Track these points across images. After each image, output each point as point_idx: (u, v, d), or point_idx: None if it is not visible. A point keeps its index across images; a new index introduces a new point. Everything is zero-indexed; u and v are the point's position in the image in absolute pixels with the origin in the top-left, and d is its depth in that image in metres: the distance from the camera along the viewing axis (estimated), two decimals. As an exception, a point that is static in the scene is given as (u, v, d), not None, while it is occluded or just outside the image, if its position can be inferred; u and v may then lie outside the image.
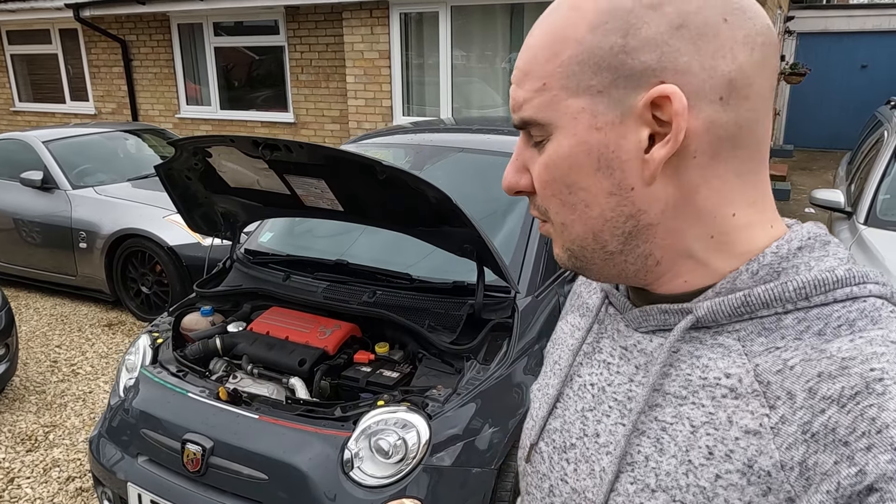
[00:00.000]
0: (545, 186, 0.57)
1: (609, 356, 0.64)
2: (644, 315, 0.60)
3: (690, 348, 0.56)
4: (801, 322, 0.51)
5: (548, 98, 0.54)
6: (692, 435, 0.53)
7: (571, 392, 0.67)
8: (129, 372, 2.51)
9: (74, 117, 9.77)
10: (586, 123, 0.53)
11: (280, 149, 2.18)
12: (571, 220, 0.57)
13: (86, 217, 5.02)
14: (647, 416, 0.57)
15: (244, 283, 2.82)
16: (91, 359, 4.34)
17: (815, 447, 0.46)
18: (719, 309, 0.54)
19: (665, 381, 0.56)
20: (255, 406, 2.16)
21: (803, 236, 0.55)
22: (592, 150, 0.53)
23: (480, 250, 2.27)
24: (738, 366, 0.52)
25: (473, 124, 3.75)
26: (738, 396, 0.51)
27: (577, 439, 0.64)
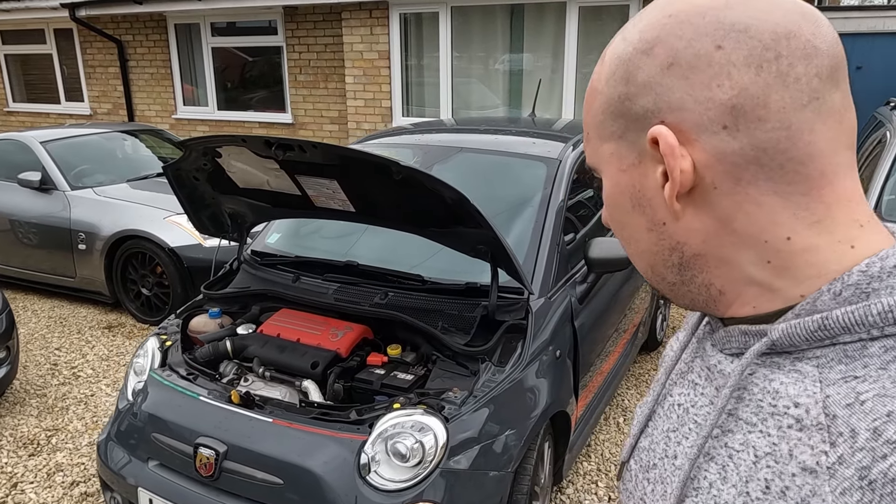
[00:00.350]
0: (609, 222, 0.62)
1: (697, 376, 0.63)
2: (727, 335, 0.58)
3: (767, 372, 0.53)
4: (889, 351, 0.47)
5: (591, 146, 0.60)
6: (754, 465, 0.51)
7: (662, 411, 0.67)
8: (137, 375, 2.48)
9: (69, 118, 9.70)
10: (615, 166, 0.57)
11: (293, 149, 2.15)
12: (632, 253, 0.61)
13: (85, 218, 4.97)
14: (718, 440, 0.55)
15: (252, 284, 2.79)
16: (92, 361, 4.29)
17: (870, 496, 0.43)
18: (795, 332, 0.50)
19: (739, 406, 0.54)
20: (268, 409, 2.14)
21: None
22: (624, 190, 0.57)
23: (495, 251, 2.26)
24: (809, 395, 0.49)
25: (478, 125, 3.73)
26: (802, 428, 0.48)
27: (658, 459, 0.64)
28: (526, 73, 6.76)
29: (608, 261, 2.61)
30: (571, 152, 3.10)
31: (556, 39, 6.45)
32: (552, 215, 2.74)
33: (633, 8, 5.91)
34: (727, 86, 0.49)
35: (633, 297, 3.46)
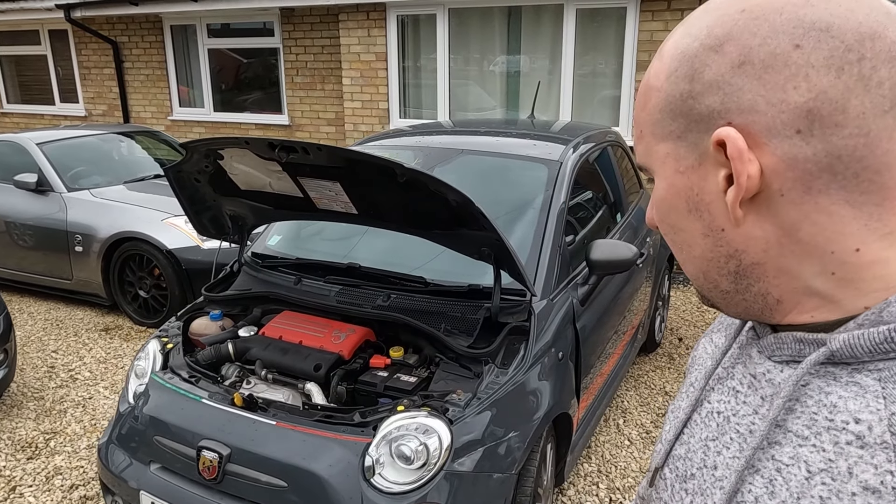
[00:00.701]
0: (658, 225, 0.60)
1: (739, 383, 0.60)
2: (778, 342, 0.55)
3: (822, 384, 0.51)
4: None
5: (644, 145, 0.57)
6: (807, 481, 0.48)
7: (699, 418, 0.64)
8: (138, 378, 2.47)
9: (64, 119, 9.65)
10: (672, 168, 0.55)
11: (297, 151, 2.15)
12: (682, 259, 0.58)
13: (82, 220, 4.95)
14: (765, 453, 0.52)
15: (253, 286, 2.78)
16: (89, 364, 4.27)
17: None
18: (857, 343, 0.48)
19: (789, 418, 0.52)
20: (271, 412, 2.13)
21: None
22: (681, 193, 0.54)
23: (498, 253, 2.26)
24: (872, 411, 0.46)
25: (477, 126, 3.74)
26: (864, 446, 0.46)
27: (697, 469, 0.61)
28: (523, 75, 6.77)
29: (609, 263, 2.62)
30: (572, 154, 3.11)
31: (553, 41, 6.46)
32: (554, 217, 2.75)
33: (631, 10, 5.93)
34: (804, 88, 0.46)
35: (632, 298, 3.47)
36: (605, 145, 3.69)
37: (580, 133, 3.50)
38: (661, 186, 0.56)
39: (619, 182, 3.83)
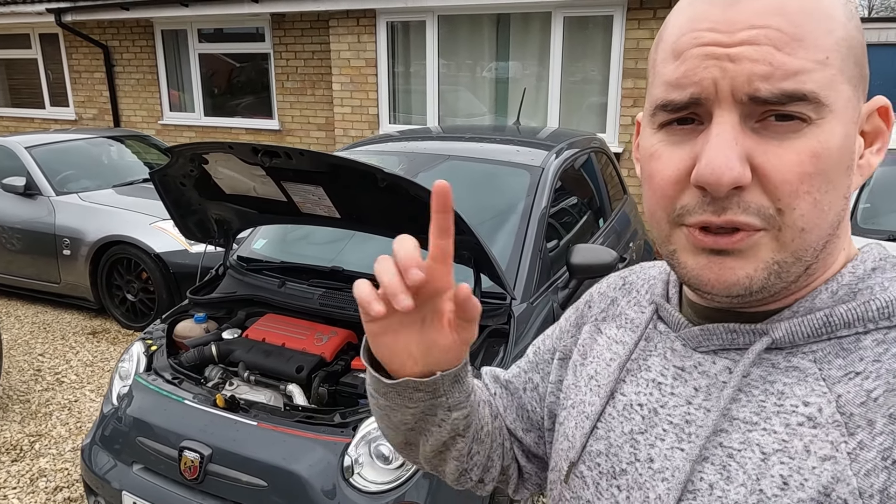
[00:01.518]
0: (804, 180, 0.48)
1: (660, 375, 0.60)
2: (706, 334, 0.56)
3: (762, 372, 0.53)
4: (881, 344, 0.50)
5: (829, 75, 0.47)
6: (763, 463, 0.50)
7: (615, 412, 0.62)
8: (122, 379, 2.49)
9: (54, 123, 9.65)
10: (851, 116, 0.49)
11: (280, 156, 2.19)
12: (815, 224, 0.49)
13: (70, 224, 4.96)
14: (710, 441, 0.54)
15: (238, 290, 2.81)
16: (76, 367, 4.28)
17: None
18: (798, 330, 0.52)
19: (733, 406, 0.53)
20: (253, 413, 2.16)
21: (875, 257, 0.54)
22: (851, 145, 0.49)
23: (478, 257, 2.30)
24: (819, 394, 0.50)
25: (463, 132, 3.78)
26: (816, 426, 0.49)
27: (627, 464, 0.59)
28: (512, 81, 6.83)
29: (590, 267, 2.66)
30: (554, 160, 3.16)
31: (541, 49, 6.52)
32: (535, 222, 2.79)
33: (617, 19, 6.01)
34: None
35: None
36: (588, 151, 3.74)
37: (564, 139, 3.55)
38: (838, 132, 0.48)
39: (603, 188, 3.88)
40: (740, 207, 0.49)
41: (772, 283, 0.51)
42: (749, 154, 0.48)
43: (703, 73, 0.48)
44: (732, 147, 0.48)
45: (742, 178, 0.47)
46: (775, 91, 0.47)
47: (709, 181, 0.48)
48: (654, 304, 0.64)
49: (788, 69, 0.46)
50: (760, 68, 0.47)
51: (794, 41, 0.47)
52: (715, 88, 0.48)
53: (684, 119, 0.51)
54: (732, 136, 0.48)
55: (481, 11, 6.62)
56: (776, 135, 0.48)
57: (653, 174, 0.53)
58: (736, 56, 0.47)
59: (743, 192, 0.48)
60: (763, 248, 0.50)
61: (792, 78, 0.46)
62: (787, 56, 0.47)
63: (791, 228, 0.49)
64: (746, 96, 0.47)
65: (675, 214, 0.52)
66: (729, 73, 0.48)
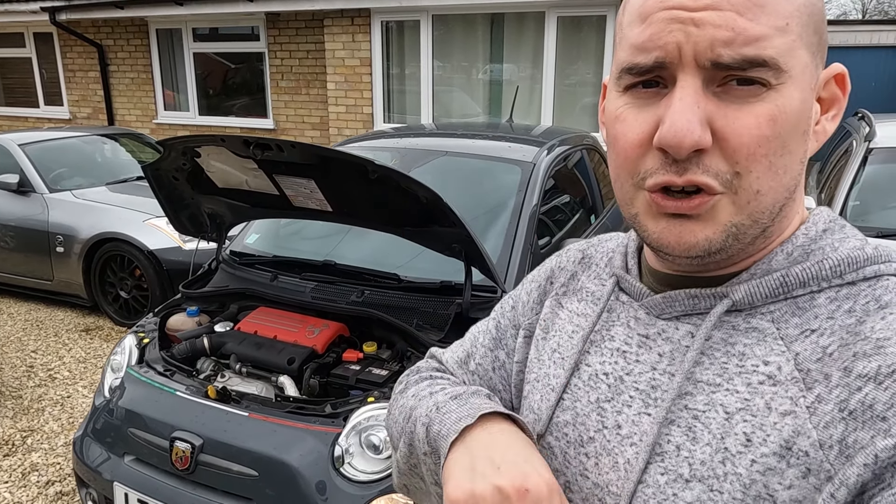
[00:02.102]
0: (761, 143, 0.49)
1: (624, 344, 0.61)
2: (668, 301, 0.58)
3: (723, 335, 0.55)
4: (833, 301, 0.52)
5: (788, 41, 0.49)
6: (727, 422, 0.52)
7: (580, 382, 0.63)
8: (114, 372, 2.50)
9: (48, 122, 9.63)
10: (808, 81, 0.51)
11: (271, 148, 2.20)
12: (770, 186, 0.51)
13: (63, 221, 4.96)
14: (675, 404, 0.55)
15: (230, 283, 2.82)
16: (68, 363, 4.27)
17: (853, 424, 0.46)
18: (757, 291, 0.54)
19: (696, 369, 0.55)
20: (244, 404, 2.17)
21: (826, 219, 0.56)
22: (808, 110, 0.51)
23: (469, 250, 2.31)
24: (777, 353, 0.52)
25: (456, 129, 3.80)
26: (776, 383, 0.51)
27: (595, 432, 0.60)
28: (506, 81, 6.86)
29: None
30: (546, 156, 3.18)
31: (535, 49, 6.56)
32: (525, 217, 2.81)
33: (611, 18, 6.04)
34: None
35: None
36: (581, 149, 3.77)
37: (555, 136, 3.57)
38: (796, 97, 0.49)
39: (595, 185, 3.90)
40: (700, 168, 0.50)
41: (730, 244, 0.52)
42: (710, 118, 0.49)
43: (668, 37, 0.49)
44: (694, 111, 0.49)
45: (702, 140, 0.49)
46: (736, 57, 0.48)
47: (671, 144, 0.49)
48: (615, 276, 0.65)
49: (750, 35, 0.48)
50: (722, 34, 0.47)
51: (756, 6, 0.48)
52: (679, 53, 0.49)
53: (649, 82, 0.52)
54: (695, 100, 0.49)
55: (475, 11, 6.65)
56: (737, 99, 0.49)
57: (617, 137, 0.54)
58: (699, 20, 0.48)
59: (703, 154, 0.50)
60: (721, 212, 0.51)
61: (753, 44, 0.48)
62: (749, 22, 0.48)
63: (747, 191, 0.50)
64: (709, 61, 0.48)
65: (638, 178, 0.53)
66: (692, 37, 0.48)
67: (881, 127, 4.52)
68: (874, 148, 4.27)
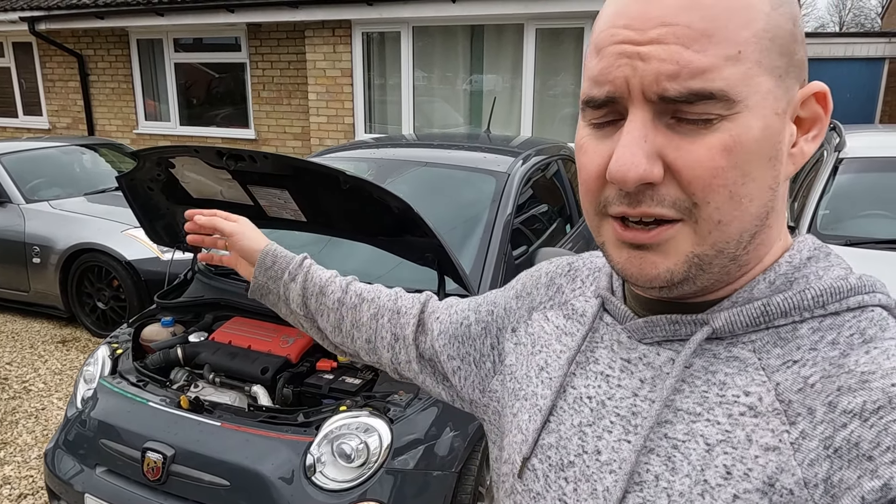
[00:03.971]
0: (716, 174, 0.48)
1: (608, 368, 0.60)
2: (650, 326, 0.57)
3: (704, 363, 0.54)
4: (816, 332, 0.51)
5: (742, 70, 0.47)
6: (707, 454, 0.51)
7: (566, 405, 0.62)
8: (87, 383, 2.49)
9: (27, 132, 9.56)
10: (771, 107, 0.49)
11: (244, 159, 2.22)
12: (733, 216, 0.49)
13: (40, 231, 4.92)
14: (655, 432, 0.54)
15: (206, 294, 2.83)
16: (44, 375, 4.23)
17: (839, 463, 0.45)
18: (737, 319, 0.53)
19: (677, 397, 0.54)
20: (217, 413, 2.17)
21: (810, 247, 0.55)
22: (772, 136, 0.49)
23: (441, 259, 2.34)
24: (758, 384, 0.51)
25: (434, 140, 3.84)
26: (757, 415, 0.50)
27: (575, 456, 0.59)
28: (486, 92, 6.92)
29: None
30: (521, 166, 3.22)
31: (514, 60, 6.63)
32: (500, 227, 2.85)
33: (587, 30, 6.13)
34: None
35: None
36: (556, 159, 3.82)
37: (531, 147, 3.62)
38: (755, 125, 0.48)
39: (571, 194, 3.95)
40: (654, 200, 0.50)
41: (694, 274, 0.52)
42: (660, 151, 0.49)
43: (617, 71, 0.49)
44: (640, 145, 0.48)
45: (649, 175, 0.48)
46: (682, 90, 0.47)
47: (615, 178, 0.49)
48: (601, 296, 0.65)
49: (695, 68, 0.47)
50: (668, 67, 0.47)
51: (703, 37, 0.47)
52: (627, 87, 0.49)
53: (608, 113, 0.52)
54: (642, 134, 0.49)
55: (455, 23, 6.71)
56: (689, 130, 0.48)
57: (581, 167, 0.55)
58: (646, 55, 0.48)
59: (658, 186, 0.49)
60: (682, 242, 0.50)
61: (699, 77, 0.47)
62: (696, 54, 0.47)
63: (707, 221, 0.49)
64: (656, 95, 0.48)
65: (600, 206, 0.53)
66: (639, 71, 0.48)
67: (851, 137, 4.61)
68: (844, 158, 4.37)
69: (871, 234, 3.78)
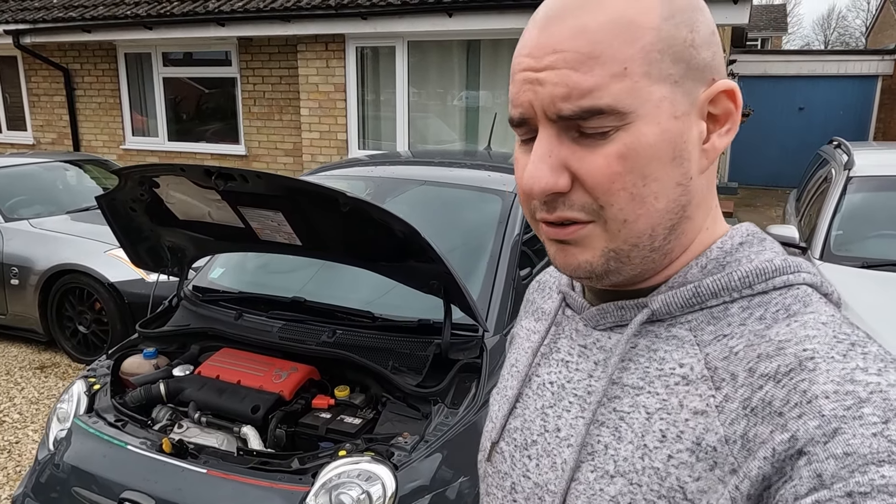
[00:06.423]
0: (614, 180, 0.54)
1: (567, 355, 0.66)
2: (601, 313, 0.63)
3: (647, 342, 0.59)
4: (746, 310, 0.56)
5: (629, 84, 0.52)
6: (647, 421, 0.56)
7: (530, 391, 0.69)
8: (60, 422, 2.28)
9: (11, 147, 9.33)
10: (668, 112, 0.54)
11: (235, 178, 2.04)
12: (638, 215, 0.55)
13: (19, 251, 4.71)
14: (606, 407, 0.59)
15: (192, 322, 2.63)
16: (19, 405, 4.00)
17: (754, 420, 0.49)
18: (672, 301, 0.58)
19: (624, 375, 0.59)
20: (202, 459, 1.97)
21: (743, 233, 0.61)
22: (672, 138, 0.54)
23: (448, 286, 2.16)
24: (691, 356, 0.56)
25: (432, 157, 3.68)
26: (689, 383, 0.55)
27: (538, 436, 0.65)
28: (482, 108, 6.79)
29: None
30: (527, 186, 3.06)
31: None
32: (507, 249, 2.68)
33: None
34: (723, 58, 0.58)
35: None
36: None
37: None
38: (649, 132, 0.53)
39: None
40: (566, 206, 0.56)
41: (614, 266, 0.57)
42: (565, 163, 0.55)
43: (523, 95, 0.55)
44: (545, 160, 0.55)
45: (553, 186, 0.55)
46: (575, 109, 0.52)
47: (525, 190, 0.56)
48: (561, 292, 0.71)
49: (583, 88, 0.52)
50: (560, 90, 0.52)
51: (590, 59, 0.52)
52: (532, 108, 0.55)
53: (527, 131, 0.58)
54: (547, 150, 0.55)
55: (451, 38, 6.59)
56: (590, 143, 0.54)
57: (516, 180, 0.61)
58: (542, 80, 0.53)
59: (568, 193, 0.55)
60: (596, 238, 0.57)
61: (588, 96, 0.52)
62: (583, 75, 0.52)
63: (615, 221, 0.55)
64: (555, 115, 0.53)
65: (532, 212, 0.60)
66: (539, 95, 0.54)
67: (859, 156, 4.50)
68: (854, 176, 4.24)
69: (888, 256, 3.63)
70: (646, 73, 0.52)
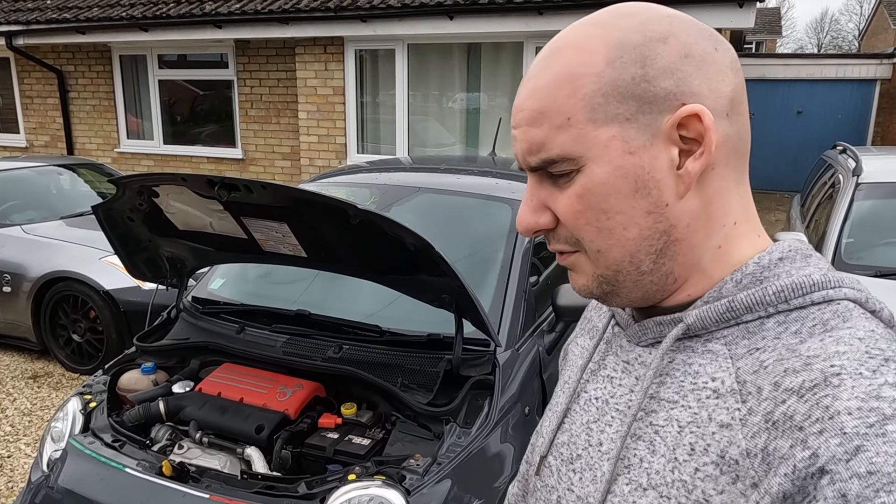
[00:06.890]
0: (578, 217, 0.58)
1: (612, 371, 0.68)
2: (642, 329, 0.64)
3: (684, 357, 0.60)
4: (782, 325, 0.55)
5: (574, 132, 0.56)
6: (679, 434, 0.56)
7: (578, 407, 0.70)
8: (55, 442, 2.18)
9: (3, 150, 9.20)
10: (619, 149, 0.56)
11: (238, 189, 1.95)
12: (609, 245, 0.59)
13: (10, 258, 4.60)
14: (643, 421, 0.60)
15: (192, 335, 2.54)
16: (11, 417, 3.89)
17: (774, 434, 0.49)
18: (707, 315, 0.58)
19: (661, 389, 0.60)
20: (204, 482, 1.88)
21: (785, 248, 0.59)
22: (629, 173, 0.56)
23: (460, 300, 2.08)
24: (724, 369, 0.56)
25: (437, 164, 3.60)
26: (718, 396, 0.55)
27: (582, 450, 0.67)
28: (483, 112, 6.72)
29: (578, 309, 2.46)
30: (536, 194, 2.98)
31: (512, 79, 6.43)
32: (518, 260, 2.60)
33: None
34: (726, 80, 0.57)
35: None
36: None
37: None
38: (600, 171, 0.56)
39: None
40: (556, 240, 0.62)
41: (608, 289, 0.61)
42: (546, 203, 0.60)
43: (513, 148, 0.61)
44: (528, 203, 0.61)
45: (535, 225, 0.61)
46: (538, 160, 0.58)
47: (517, 229, 0.63)
48: (611, 309, 0.72)
49: (537, 142, 0.58)
50: (524, 146, 0.59)
51: (540, 115, 0.57)
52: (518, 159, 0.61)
53: None
54: (530, 193, 0.61)
55: (452, 41, 6.52)
56: (561, 185, 0.59)
57: None
58: (516, 137, 0.60)
59: (556, 229, 0.61)
60: (585, 265, 0.62)
61: (543, 149, 0.58)
62: (536, 130, 0.57)
63: (591, 251, 0.60)
64: (527, 166, 0.60)
65: None
66: (516, 149, 0.60)
67: (866, 161, 4.44)
68: (863, 183, 4.18)
69: (901, 265, 3.56)
70: (590, 118, 0.56)
